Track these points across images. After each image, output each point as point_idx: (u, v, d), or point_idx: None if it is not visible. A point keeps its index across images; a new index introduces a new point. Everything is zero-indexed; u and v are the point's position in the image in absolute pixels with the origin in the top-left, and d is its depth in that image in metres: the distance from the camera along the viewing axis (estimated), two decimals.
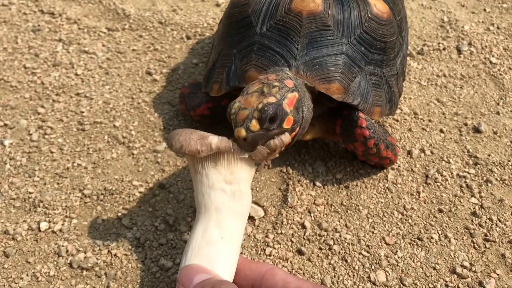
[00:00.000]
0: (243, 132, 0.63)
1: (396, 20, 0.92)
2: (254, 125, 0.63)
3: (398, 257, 0.77)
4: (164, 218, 0.82)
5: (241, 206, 0.62)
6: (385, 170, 0.91)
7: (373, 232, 0.81)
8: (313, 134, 0.88)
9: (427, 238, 0.80)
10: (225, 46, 0.90)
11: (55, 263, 0.75)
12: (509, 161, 0.93)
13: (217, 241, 0.59)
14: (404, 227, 0.82)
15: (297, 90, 0.70)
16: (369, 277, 0.75)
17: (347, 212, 0.84)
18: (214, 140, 0.61)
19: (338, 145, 0.96)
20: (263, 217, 0.83)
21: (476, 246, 0.79)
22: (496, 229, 0.82)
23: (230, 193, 0.61)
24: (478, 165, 0.92)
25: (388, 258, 0.77)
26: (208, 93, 0.91)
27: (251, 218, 0.82)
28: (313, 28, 0.81)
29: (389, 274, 0.75)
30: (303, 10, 0.81)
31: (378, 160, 0.86)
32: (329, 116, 0.87)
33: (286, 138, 0.65)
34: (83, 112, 1.02)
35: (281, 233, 0.81)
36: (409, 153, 0.94)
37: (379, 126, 0.86)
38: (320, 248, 0.79)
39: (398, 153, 0.90)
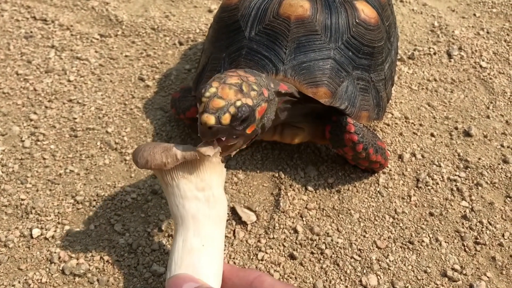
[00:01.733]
0: (212, 120, 0.61)
1: (385, 25, 0.92)
2: (226, 118, 0.61)
3: (390, 260, 0.78)
4: (157, 224, 0.82)
5: (217, 211, 0.62)
6: (376, 174, 0.91)
7: (364, 236, 0.81)
8: (302, 138, 0.89)
9: (418, 241, 0.81)
10: (214, 50, 0.91)
11: (47, 269, 0.75)
12: (499, 164, 0.94)
13: (199, 249, 0.59)
14: (395, 230, 0.82)
15: (268, 101, 0.70)
16: (360, 281, 0.75)
17: (338, 216, 0.84)
18: (179, 150, 0.60)
19: (330, 150, 0.96)
20: (255, 222, 0.83)
21: (467, 249, 0.80)
22: (486, 232, 0.82)
23: (204, 200, 0.61)
24: (469, 169, 0.93)
25: (380, 262, 0.78)
26: None
27: (243, 223, 0.83)
28: (301, 32, 0.82)
29: (380, 278, 0.75)
30: (291, 15, 0.82)
31: (368, 164, 0.87)
32: (318, 120, 0.88)
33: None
34: (75, 118, 1.02)
35: (273, 238, 0.81)
36: (400, 157, 0.95)
37: (369, 131, 0.87)
38: (312, 253, 0.79)
39: (388, 157, 0.90)
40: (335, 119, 0.84)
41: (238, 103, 0.63)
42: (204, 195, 0.61)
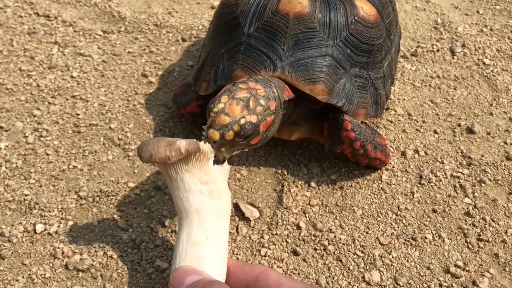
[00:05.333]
0: (216, 136, 0.66)
1: (385, 23, 0.92)
2: (230, 135, 0.66)
3: (393, 257, 0.78)
4: (160, 220, 0.82)
5: (221, 204, 0.62)
6: (379, 171, 0.91)
7: (367, 233, 0.81)
8: (299, 134, 0.89)
9: (421, 238, 0.81)
10: (214, 45, 0.91)
11: (51, 265, 0.76)
12: (502, 161, 0.94)
13: (203, 242, 0.59)
14: (398, 227, 0.82)
15: (275, 113, 0.72)
16: (363, 277, 0.75)
17: (341, 212, 0.85)
18: (182, 143, 0.60)
19: (333, 146, 0.96)
20: (258, 218, 0.84)
21: (470, 246, 0.80)
22: (489, 229, 0.82)
23: (208, 193, 0.61)
24: (472, 166, 0.93)
25: (383, 258, 0.78)
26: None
27: (246, 219, 0.83)
28: (299, 29, 0.82)
29: (383, 274, 0.76)
30: (290, 11, 0.82)
31: (368, 161, 0.87)
32: (316, 117, 0.88)
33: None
34: (78, 114, 1.02)
35: (276, 234, 0.81)
36: (403, 154, 0.95)
37: (367, 128, 0.87)
38: (315, 249, 0.79)
39: (389, 153, 0.90)
40: (332, 116, 0.84)
41: (242, 121, 0.66)
42: (208, 189, 0.62)
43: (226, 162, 0.66)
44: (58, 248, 0.77)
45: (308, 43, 0.82)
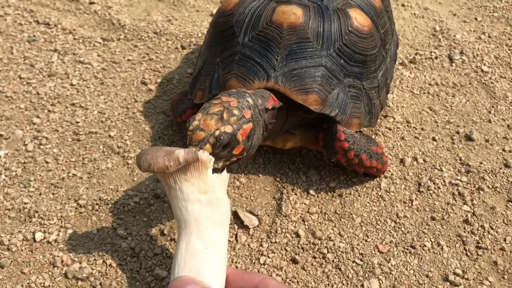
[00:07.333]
0: None
1: (380, 33, 0.93)
2: (208, 148, 0.66)
3: (391, 265, 0.78)
4: (159, 228, 0.82)
5: (220, 213, 0.62)
6: (378, 179, 0.92)
7: (366, 240, 0.82)
8: (294, 143, 0.89)
9: (420, 246, 0.81)
10: (210, 54, 0.92)
11: (50, 273, 0.76)
12: (500, 168, 0.94)
13: (202, 252, 0.59)
14: (397, 235, 0.83)
15: (252, 121, 0.72)
16: (362, 285, 0.75)
17: (340, 220, 0.85)
18: (181, 153, 0.60)
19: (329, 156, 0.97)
20: (258, 226, 0.84)
21: (469, 254, 0.80)
22: (488, 237, 0.82)
23: (207, 203, 0.61)
24: (470, 173, 0.93)
25: (382, 266, 0.78)
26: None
27: (245, 227, 0.83)
28: (293, 40, 0.83)
29: (382, 282, 0.76)
30: (284, 22, 0.83)
31: (364, 170, 0.87)
32: (310, 126, 0.89)
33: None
34: (78, 122, 1.02)
35: (275, 242, 0.81)
36: (402, 161, 0.95)
37: (362, 137, 0.87)
38: (314, 257, 0.79)
39: (386, 161, 0.90)
40: (326, 126, 0.85)
41: (217, 133, 0.67)
42: (207, 198, 0.62)
43: (225, 171, 0.67)
44: (58, 256, 0.78)
45: (302, 54, 0.83)
